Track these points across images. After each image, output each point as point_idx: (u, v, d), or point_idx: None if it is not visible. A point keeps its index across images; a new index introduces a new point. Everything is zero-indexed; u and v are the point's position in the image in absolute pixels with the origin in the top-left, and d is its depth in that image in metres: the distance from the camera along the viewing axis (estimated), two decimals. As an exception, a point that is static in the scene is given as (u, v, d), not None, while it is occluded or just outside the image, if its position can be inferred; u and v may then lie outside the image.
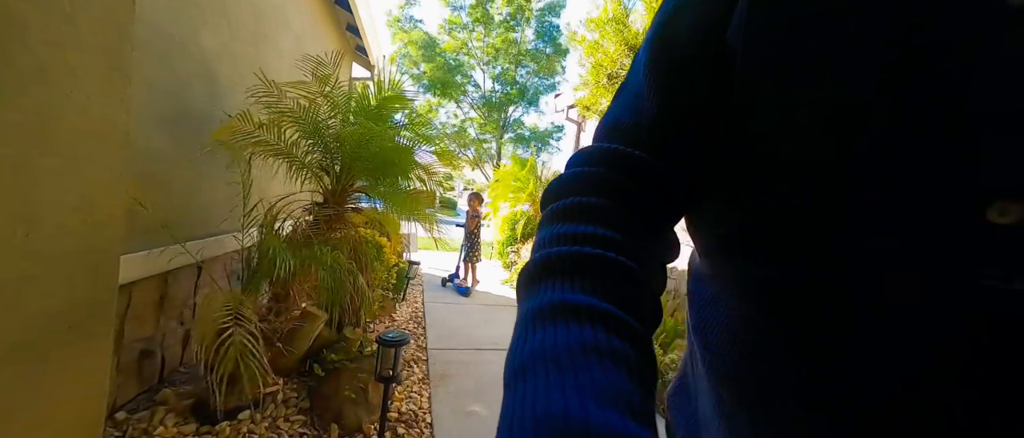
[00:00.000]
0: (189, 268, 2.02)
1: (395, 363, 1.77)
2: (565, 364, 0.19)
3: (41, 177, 0.94)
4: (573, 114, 7.08)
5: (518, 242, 6.89)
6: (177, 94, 1.85)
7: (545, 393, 0.17)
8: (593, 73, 3.44)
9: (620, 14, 3.14)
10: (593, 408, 0.16)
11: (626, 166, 0.30)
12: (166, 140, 1.79)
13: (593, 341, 0.20)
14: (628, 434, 0.16)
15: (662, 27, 0.33)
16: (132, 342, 1.69)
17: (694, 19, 0.31)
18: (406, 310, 3.87)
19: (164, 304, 1.85)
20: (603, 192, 0.29)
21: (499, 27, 10.22)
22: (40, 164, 0.93)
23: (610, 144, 0.32)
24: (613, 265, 0.24)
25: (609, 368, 0.18)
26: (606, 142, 0.33)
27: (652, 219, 0.30)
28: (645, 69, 0.33)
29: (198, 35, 1.95)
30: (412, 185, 2.54)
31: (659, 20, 0.33)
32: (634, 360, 0.20)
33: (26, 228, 0.91)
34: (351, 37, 4.81)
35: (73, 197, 1.04)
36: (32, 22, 0.88)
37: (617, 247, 0.25)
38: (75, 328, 1.09)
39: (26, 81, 0.87)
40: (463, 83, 10.63)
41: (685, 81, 0.31)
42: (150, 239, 1.68)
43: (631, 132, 0.32)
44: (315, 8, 3.65)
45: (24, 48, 0.86)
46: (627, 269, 0.24)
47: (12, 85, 0.85)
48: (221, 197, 2.25)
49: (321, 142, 2.15)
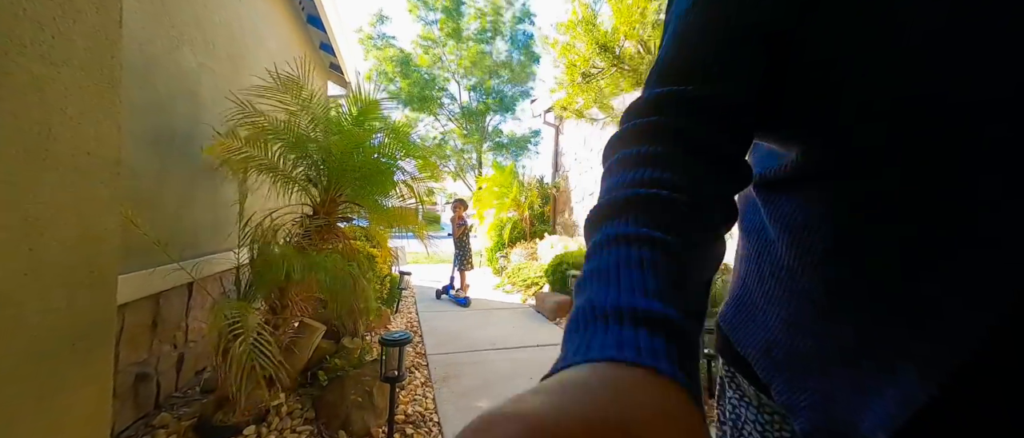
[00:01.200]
0: (180, 289, 1.99)
1: (399, 363, 1.79)
2: (612, 276, 0.21)
3: (41, 191, 0.95)
4: (550, 118, 7.26)
5: (507, 247, 6.95)
6: (159, 113, 1.84)
7: (594, 294, 0.21)
8: (568, 73, 3.58)
9: (589, 16, 3.29)
10: (625, 296, 0.19)
11: (677, 107, 0.31)
12: (151, 159, 1.78)
13: (637, 257, 0.22)
14: (650, 308, 0.19)
15: None
16: (127, 366, 1.65)
17: None
18: (401, 321, 3.85)
19: (157, 327, 1.82)
20: (658, 139, 0.29)
21: (470, 40, 10.40)
22: (41, 177, 0.94)
23: (661, 88, 0.32)
24: (665, 201, 0.25)
25: (648, 274, 0.21)
26: (657, 87, 0.33)
27: (712, 153, 0.29)
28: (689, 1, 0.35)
29: (176, 55, 1.96)
30: (394, 201, 2.57)
31: None
32: (675, 273, 0.22)
33: (29, 242, 0.92)
34: (325, 55, 4.83)
35: (71, 212, 1.05)
36: (27, 38, 0.90)
37: (670, 185, 0.26)
38: (78, 346, 1.08)
39: (25, 95, 0.89)
40: (439, 96, 10.71)
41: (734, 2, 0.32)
42: (141, 259, 1.66)
43: (681, 69, 0.33)
44: (288, 28, 3.67)
45: (21, 63, 0.88)
46: (676, 201, 0.25)
47: (12, 98, 0.87)
48: (208, 217, 2.23)
49: (306, 155, 2.17)
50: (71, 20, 1.01)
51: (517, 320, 4.09)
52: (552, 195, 7.27)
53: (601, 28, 3.29)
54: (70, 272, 1.05)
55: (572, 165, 6.73)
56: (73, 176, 1.05)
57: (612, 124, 4.19)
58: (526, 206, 7.13)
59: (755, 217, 0.43)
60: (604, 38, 3.23)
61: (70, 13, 1.00)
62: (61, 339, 1.02)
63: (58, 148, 1.01)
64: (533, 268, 5.64)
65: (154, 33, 1.79)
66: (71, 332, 1.06)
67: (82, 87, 1.07)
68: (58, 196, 1.01)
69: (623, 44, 3.32)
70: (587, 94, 3.77)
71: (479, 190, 7.85)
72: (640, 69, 3.24)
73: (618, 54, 3.31)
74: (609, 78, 3.47)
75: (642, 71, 3.23)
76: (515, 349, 3.16)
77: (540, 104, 7.39)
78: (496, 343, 3.27)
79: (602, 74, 3.49)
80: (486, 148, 11.04)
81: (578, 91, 3.73)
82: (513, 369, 2.74)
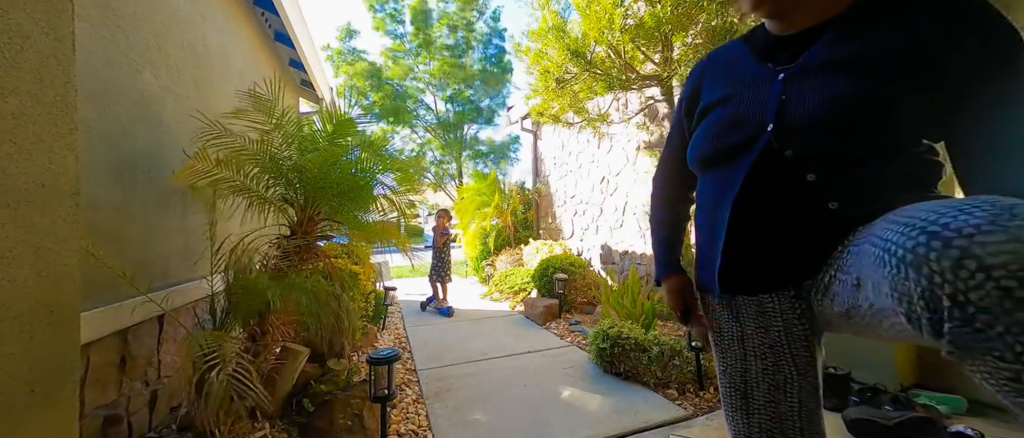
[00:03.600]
0: (150, 323, 1.88)
1: (389, 381, 1.74)
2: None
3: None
4: (527, 124, 7.32)
5: (492, 255, 6.92)
6: (120, 140, 1.76)
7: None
8: (542, 80, 3.63)
9: (559, 23, 3.36)
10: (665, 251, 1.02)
11: (663, 190, 1.05)
12: (113, 188, 1.69)
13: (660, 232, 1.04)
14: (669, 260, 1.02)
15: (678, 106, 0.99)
16: (94, 410, 1.55)
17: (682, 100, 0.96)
18: (388, 337, 3.76)
19: (126, 364, 1.71)
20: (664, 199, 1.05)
21: (442, 50, 10.42)
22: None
23: (661, 174, 1.05)
24: (672, 219, 1.04)
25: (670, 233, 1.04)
26: (660, 174, 1.05)
27: (681, 191, 1.03)
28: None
29: (137, 79, 1.88)
30: (375, 216, 2.52)
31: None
32: (679, 233, 1.04)
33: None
34: (296, 72, 4.74)
35: (26, 248, 0.98)
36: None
37: (671, 213, 1.04)
38: (37, 392, 1.01)
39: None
40: (414, 107, 10.65)
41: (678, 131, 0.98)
42: (106, 294, 1.57)
43: (668, 162, 1.02)
44: (256, 46, 3.59)
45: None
46: (676, 217, 1.04)
47: (-45, 134, 0.81)
48: (178, 244, 2.13)
49: (281, 174, 2.11)
50: (18, 46, 0.96)
51: (507, 328, 4.07)
52: (534, 201, 7.31)
53: (571, 34, 3.36)
54: (27, 313, 0.98)
55: (552, 169, 6.80)
56: (27, 210, 0.99)
57: (589, 128, 4.26)
58: (509, 213, 7.14)
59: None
60: (575, 44, 3.30)
61: (16, 39, 0.95)
62: (17, 385, 0.95)
63: (9, 182, 0.94)
64: (520, 274, 5.63)
65: (111, 57, 1.72)
66: (28, 377, 0.98)
67: (33, 116, 1.01)
68: (12, 233, 0.95)
69: (594, 49, 3.39)
70: (562, 99, 3.83)
71: (461, 201, 7.81)
72: (612, 73, 3.32)
73: (590, 59, 3.39)
74: (582, 83, 3.53)
75: (614, 75, 3.30)
76: (507, 357, 3.14)
77: (517, 110, 7.45)
78: (487, 353, 3.23)
79: (575, 79, 3.56)
80: (466, 157, 11.02)
81: (553, 96, 3.78)
82: (507, 378, 2.71)
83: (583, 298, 4.67)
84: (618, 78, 3.27)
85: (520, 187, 7.80)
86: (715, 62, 0.89)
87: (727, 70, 0.84)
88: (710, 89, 0.85)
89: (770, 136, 0.70)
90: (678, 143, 0.95)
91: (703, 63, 0.92)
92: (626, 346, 2.61)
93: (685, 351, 2.50)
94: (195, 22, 2.47)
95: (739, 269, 0.75)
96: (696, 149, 0.84)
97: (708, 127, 0.81)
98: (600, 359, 2.74)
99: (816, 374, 0.76)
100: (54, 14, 1.05)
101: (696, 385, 2.41)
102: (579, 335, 3.64)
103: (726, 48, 0.90)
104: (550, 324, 4.08)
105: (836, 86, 0.65)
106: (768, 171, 0.70)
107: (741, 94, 0.77)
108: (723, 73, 0.85)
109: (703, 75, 0.89)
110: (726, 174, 0.76)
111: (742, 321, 0.80)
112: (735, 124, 0.76)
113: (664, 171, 1.02)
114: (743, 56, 0.82)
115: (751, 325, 0.78)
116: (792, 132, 0.68)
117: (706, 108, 0.84)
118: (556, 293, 4.37)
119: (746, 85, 0.78)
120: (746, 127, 0.74)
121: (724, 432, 0.84)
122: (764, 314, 0.76)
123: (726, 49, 0.90)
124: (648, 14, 2.92)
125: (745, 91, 0.77)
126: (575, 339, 3.56)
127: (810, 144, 0.67)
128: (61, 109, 1.08)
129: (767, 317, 0.76)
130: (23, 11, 0.97)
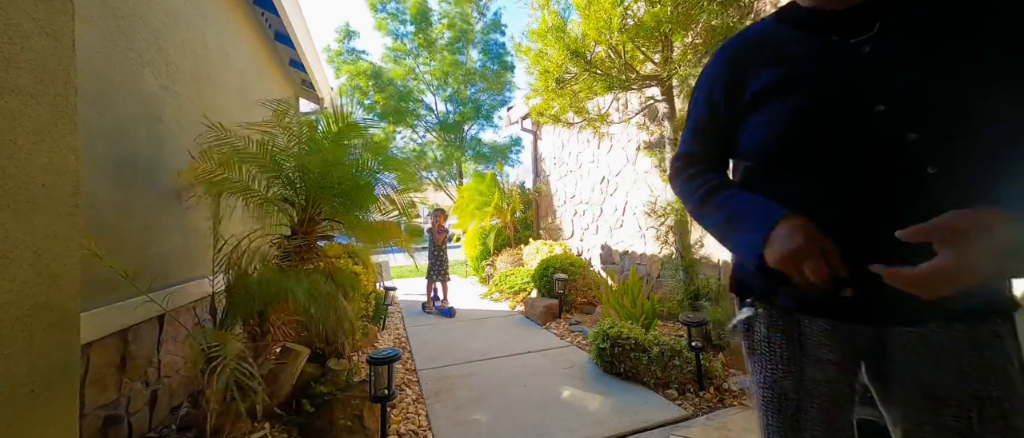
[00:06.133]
0: (150, 323, 1.89)
1: (389, 381, 1.74)
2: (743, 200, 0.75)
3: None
4: (527, 124, 7.32)
5: (492, 255, 6.92)
6: (121, 139, 1.76)
7: (744, 208, 0.72)
8: (541, 80, 3.62)
9: (558, 23, 3.36)
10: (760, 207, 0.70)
11: (704, 165, 0.85)
12: (114, 187, 1.69)
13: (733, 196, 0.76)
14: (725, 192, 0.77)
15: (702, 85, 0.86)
16: (94, 410, 1.55)
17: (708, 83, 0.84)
18: (388, 337, 3.76)
19: (126, 364, 1.71)
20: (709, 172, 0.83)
21: (443, 50, 10.42)
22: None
23: (695, 168, 0.85)
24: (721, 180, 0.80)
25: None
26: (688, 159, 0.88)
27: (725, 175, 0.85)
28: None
29: (137, 79, 1.88)
30: (376, 216, 2.52)
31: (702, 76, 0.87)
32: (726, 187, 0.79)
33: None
34: (296, 72, 4.74)
35: (26, 249, 0.98)
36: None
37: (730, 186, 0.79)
38: (37, 391, 1.01)
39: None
40: (416, 108, 10.65)
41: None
42: (106, 293, 1.57)
43: (703, 156, 0.87)
44: (256, 45, 3.59)
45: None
46: (724, 178, 0.81)
47: (-45, 134, 0.81)
48: (178, 244, 2.13)
49: (283, 175, 2.11)
50: (18, 46, 0.96)
51: (507, 328, 4.07)
52: (534, 200, 7.30)
53: (571, 34, 3.36)
54: (27, 313, 0.98)
55: (552, 169, 6.80)
56: (27, 211, 0.99)
57: (589, 128, 4.26)
58: (509, 213, 7.14)
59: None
60: (575, 44, 3.29)
61: (16, 39, 0.95)
62: (18, 385, 0.95)
63: (9, 182, 0.94)
64: (520, 274, 5.63)
65: (112, 57, 1.72)
66: (29, 377, 0.98)
67: (33, 116, 1.01)
68: (12, 233, 0.95)
69: (594, 49, 3.39)
70: (562, 99, 3.82)
71: (461, 200, 7.80)
72: (612, 73, 3.32)
73: (590, 59, 3.38)
74: (582, 83, 3.53)
75: (614, 75, 3.30)
76: (507, 357, 3.14)
77: (517, 110, 7.45)
78: (488, 353, 3.23)
79: (575, 79, 3.55)
80: (466, 158, 11.02)
81: (553, 96, 3.78)
82: (507, 378, 2.71)
83: (583, 298, 4.67)
84: (618, 78, 3.27)
85: (520, 187, 7.79)
86: (746, 43, 0.78)
87: (770, 51, 0.73)
88: (756, 71, 0.73)
89: (882, 117, 0.60)
90: (713, 130, 0.82)
91: (730, 47, 0.81)
92: (626, 346, 2.61)
93: (685, 351, 2.50)
94: (195, 22, 2.47)
95: (889, 291, 0.55)
96: (767, 139, 0.70)
97: (778, 114, 0.69)
98: (600, 359, 2.74)
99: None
100: (54, 14, 1.05)
101: (696, 385, 2.41)
102: (579, 335, 3.64)
103: (756, 30, 0.79)
104: (550, 324, 4.08)
105: (948, 57, 0.57)
106: (885, 161, 0.60)
107: (811, 74, 0.66)
108: (767, 54, 0.73)
109: (736, 57, 0.78)
110: (824, 168, 0.64)
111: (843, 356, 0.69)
112: (819, 108, 0.64)
113: (700, 164, 0.84)
114: (790, 35, 0.72)
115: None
116: (907, 112, 0.59)
117: (761, 92, 0.71)
118: (556, 293, 4.37)
119: (812, 64, 0.67)
120: (839, 110, 0.63)
121: (724, 432, 0.84)
122: (928, 347, 0.62)
123: (756, 30, 0.79)
124: (648, 14, 2.92)
125: (814, 71, 0.66)
126: (575, 339, 3.56)
127: (930, 126, 0.58)
128: (61, 109, 1.08)
129: (931, 351, 0.62)
130: (23, 11, 0.97)
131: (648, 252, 4.53)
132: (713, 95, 0.80)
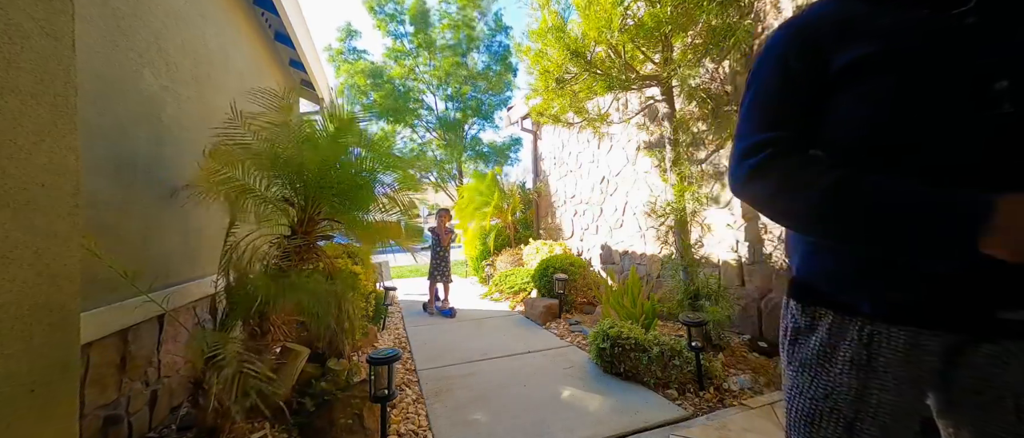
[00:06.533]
0: (150, 323, 1.89)
1: (389, 381, 1.75)
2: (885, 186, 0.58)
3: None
4: (527, 124, 7.32)
5: (492, 255, 6.92)
6: (121, 139, 1.76)
7: (903, 193, 0.55)
8: (541, 80, 3.62)
9: (559, 23, 3.36)
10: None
11: (804, 150, 0.68)
12: (114, 187, 1.69)
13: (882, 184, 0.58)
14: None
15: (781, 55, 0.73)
16: (94, 410, 1.55)
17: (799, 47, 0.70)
18: (388, 337, 3.76)
19: (127, 364, 1.71)
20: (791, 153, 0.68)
21: (444, 51, 10.41)
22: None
23: (791, 159, 0.68)
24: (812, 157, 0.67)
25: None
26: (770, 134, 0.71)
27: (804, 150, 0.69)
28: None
29: (137, 78, 1.88)
30: (376, 215, 2.52)
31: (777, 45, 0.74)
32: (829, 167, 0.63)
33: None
34: (296, 72, 4.74)
35: (26, 249, 0.98)
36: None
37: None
38: (37, 392, 1.01)
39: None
40: (416, 107, 10.65)
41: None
42: (106, 293, 1.57)
43: (772, 122, 0.71)
44: (256, 45, 3.59)
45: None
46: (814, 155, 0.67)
47: (-45, 133, 0.81)
48: (178, 244, 2.13)
49: (283, 174, 2.10)
50: (18, 46, 0.96)
51: (507, 328, 4.07)
52: (534, 200, 7.30)
53: (571, 34, 3.36)
54: (27, 313, 0.98)
55: (552, 169, 6.80)
56: (27, 211, 0.99)
57: (589, 128, 4.26)
58: (509, 212, 7.14)
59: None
60: (575, 44, 3.29)
61: (16, 39, 0.95)
62: (18, 385, 0.95)
63: (9, 182, 0.94)
64: (520, 274, 5.63)
65: (112, 57, 1.72)
66: (29, 377, 0.98)
67: (33, 116, 1.01)
68: (12, 233, 0.95)
69: (594, 49, 3.39)
70: (562, 99, 3.82)
71: (461, 200, 7.80)
72: (612, 73, 3.32)
73: (590, 59, 3.38)
74: (582, 83, 3.53)
75: (614, 75, 3.30)
76: (507, 357, 3.14)
77: (517, 110, 7.45)
78: (488, 353, 3.23)
79: (575, 79, 3.55)
80: (467, 158, 11.01)
81: (553, 96, 3.78)
82: (507, 378, 2.71)
83: (583, 298, 4.68)
84: (618, 78, 3.27)
85: (520, 187, 7.79)
86: (818, 17, 0.69)
87: (857, 23, 0.64)
88: (841, 44, 0.63)
89: (1002, 95, 0.52)
90: (798, 111, 0.68)
91: (797, 22, 0.71)
92: (626, 346, 2.61)
93: (685, 351, 2.50)
94: (195, 22, 2.47)
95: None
96: (869, 120, 0.61)
97: (876, 92, 0.60)
98: (600, 359, 2.74)
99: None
100: (54, 14, 1.05)
101: (696, 385, 2.41)
102: (579, 335, 3.64)
103: (823, 5, 0.70)
104: (550, 324, 4.08)
105: None
106: (1008, 143, 0.53)
107: (918, 47, 0.58)
108: (851, 26, 0.64)
109: (808, 32, 0.68)
110: (933, 152, 0.57)
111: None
112: (931, 84, 0.57)
113: (801, 150, 0.68)
114: (872, 10, 0.63)
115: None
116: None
117: (850, 67, 0.61)
118: (556, 293, 4.37)
119: (918, 35, 0.59)
120: (954, 86, 0.56)
121: (724, 432, 0.83)
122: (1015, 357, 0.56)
123: (830, 6, 0.69)
124: (648, 14, 2.92)
125: (923, 43, 0.58)
126: (575, 339, 3.56)
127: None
128: (61, 109, 1.08)
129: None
130: (23, 11, 0.97)
131: (648, 252, 4.53)
132: (789, 69, 0.68)
